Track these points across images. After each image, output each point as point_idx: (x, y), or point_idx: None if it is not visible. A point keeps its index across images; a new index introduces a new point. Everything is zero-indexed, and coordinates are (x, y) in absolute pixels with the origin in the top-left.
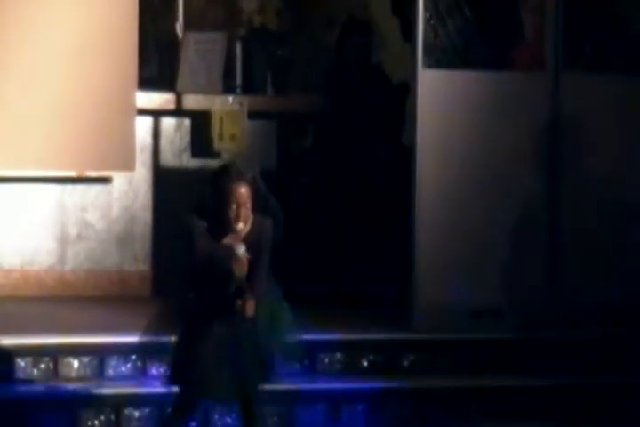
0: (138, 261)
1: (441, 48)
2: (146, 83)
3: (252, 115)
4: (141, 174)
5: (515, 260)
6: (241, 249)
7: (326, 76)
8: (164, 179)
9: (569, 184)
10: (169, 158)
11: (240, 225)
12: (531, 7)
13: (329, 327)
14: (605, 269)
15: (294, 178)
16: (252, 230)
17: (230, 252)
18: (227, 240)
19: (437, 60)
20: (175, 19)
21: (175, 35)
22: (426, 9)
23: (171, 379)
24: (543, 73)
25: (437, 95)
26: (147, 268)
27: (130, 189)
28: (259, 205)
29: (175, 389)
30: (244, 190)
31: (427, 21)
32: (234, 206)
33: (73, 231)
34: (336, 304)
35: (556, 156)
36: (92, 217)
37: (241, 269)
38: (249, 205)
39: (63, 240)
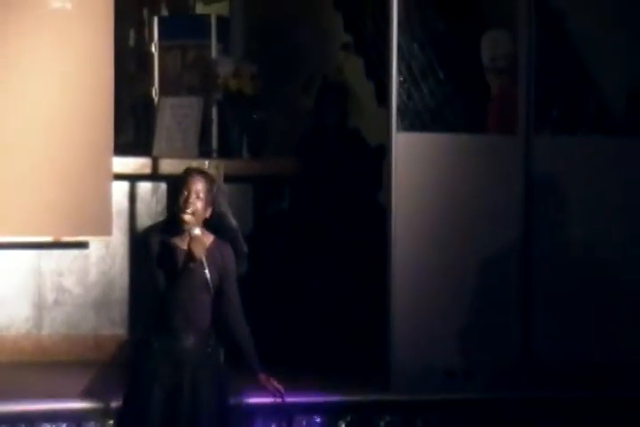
0: (115, 326)
1: (415, 111)
2: (122, 147)
3: (229, 178)
4: (118, 239)
5: (488, 320)
6: (196, 230)
7: (303, 139)
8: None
9: (542, 244)
10: (146, 222)
11: (187, 216)
12: (495, 69)
13: (306, 389)
14: (577, 330)
15: (271, 241)
16: (210, 251)
17: (186, 237)
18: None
19: (411, 123)
20: (151, 83)
21: (151, 99)
22: (399, 72)
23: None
24: (516, 135)
25: (412, 157)
26: (123, 332)
27: (107, 254)
28: (214, 221)
29: None
30: (200, 184)
31: (400, 85)
32: (185, 193)
33: (50, 297)
34: (312, 366)
35: (529, 216)
36: (69, 282)
37: (199, 250)
38: (201, 201)
39: (40, 306)
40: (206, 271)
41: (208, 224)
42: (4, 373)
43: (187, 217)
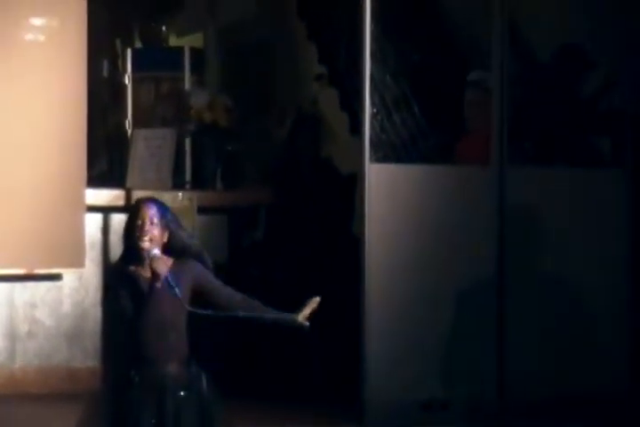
0: (87, 357)
1: (388, 142)
2: (95, 179)
3: (203, 209)
4: (91, 270)
5: (462, 352)
6: (155, 250)
7: (277, 170)
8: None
9: (516, 274)
10: (118, 253)
11: (146, 243)
12: (471, 101)
13: (280, 422)
14: (554, 362)
15: (245, 270)
16: (173, 271)
17: (146, 258)
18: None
19: (385, 154)
20: (124, 115)
21: (124, 131)
22: (373, 104)
23: None
24: (488, 166)
25: (385, 188)
26: (96, 363)
27: (80, 286)
28: (174, 244)
29: None
30: (151, 210)
31: (373, 116)
32: (139, 222)
33: (22, 328)
34: (286, 399)
35: (503, 247)
36: (42, 314)
37: (161, 267)
38: (156, 226)
39: (12, 337)
40: (175, 287)
41: (168, 248)
42: None
43: (145, 244)
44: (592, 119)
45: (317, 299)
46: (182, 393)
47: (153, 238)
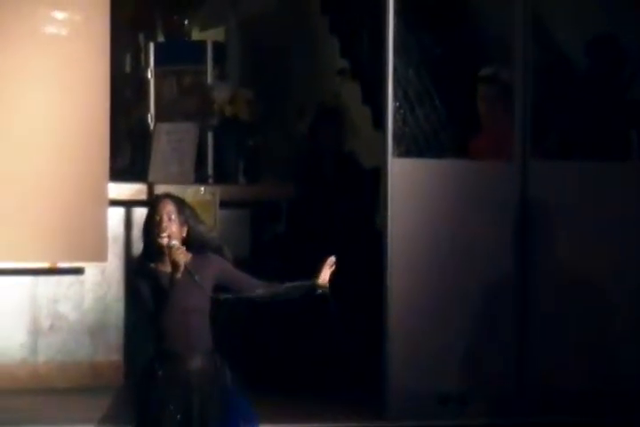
0: (110, 352)
1: (411, 137)
2: (118, 173)
3: (225, 204)
4: (114, 265)
5: (483, 346)
6: (174, 241)
7: (299, 164)
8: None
9: (537, 270)
10: (141, 248)
11: (164, 240)
12: (485, 97)
13: (301, 416)
14: (574, 357)
15: (267, 264)
16: (193, 266)
17: (165, 252)
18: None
19: (407, 148)
20: (147, 110)
21: (147, 125)
22: (395, 98)
23: None
24: (511, 161)
25: (408, 183)
26: (119, 358)
27: (102, 280)
28: (194, 240)
29: None
30: (169, 206)
31: (396, 110)
32: (157, 218)
33: (45, 323)
34: (308, 393)
35: (525, 241)
36: (65, 308)
37: (180, 257)
38: (174, 223)
39: (35, 332)
40: (194, 275)
41: (188, 244)
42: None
43: (164, 240)
44: (618, 111)
45: (332, 258)
46: (207, 387)
47: (171, 235)
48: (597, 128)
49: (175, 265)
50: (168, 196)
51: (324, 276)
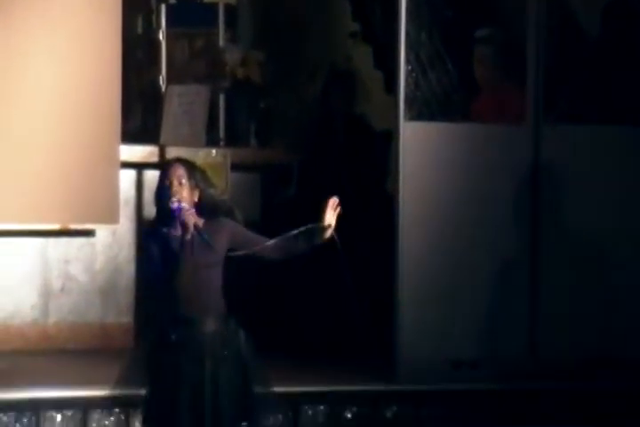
0: (121, 314)
1: (423, 100)
2: (129, 136)
3: (236, 166)
4: (125, 227)
5: (495, 310)
6: (183, 203)
7: (310, 127)
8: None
9: (549, 236)
10: (152, 211)
11: (174, 204)
12: (482, 58)
13: (312, 379)
14: (586, 323)
15: (277, 228)
16: (205, 229)
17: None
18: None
19: (419, 112)
20: (158, 72)
21: (158, 88)
22: (407, 62)
23: (145, 419)
24: (524, 125)
25: (420, 146)
26: (130, 320)
27: (113, 242)
28: (206, 204)
29: None
30: (179, 170)
31: (408, 74)
32: (167, 183)
33: (56, 284)
34: (319, 356)
35: (537, 205)
36: (76, 270)
37: (190, 218)
38: (185, 187)
39: (46, 293)
40: (204, 235)
41: (200, 208)
42: (10, 361)
43: (174, 205)
44: (631, 75)
45: (335, 199)
46: (221, 351)
47: (182, 199)
48: (610, 92)
49: (184, 227)
50: (179, 160)
51: (329, 218)
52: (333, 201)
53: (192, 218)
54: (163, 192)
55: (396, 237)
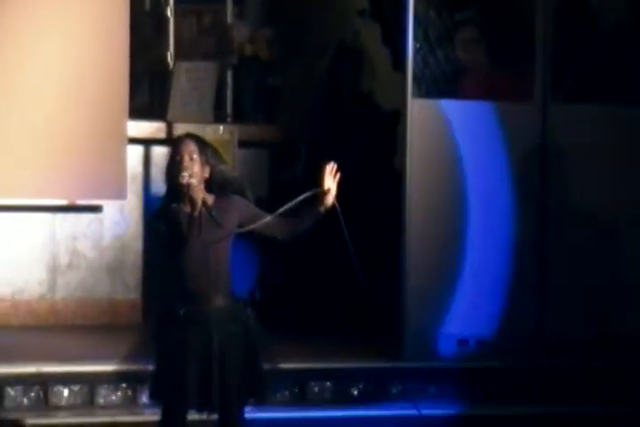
0: (128, 290)
1: (431, 77)
2: (137, 112)
3: (243, 143)
4: (132, 203)
5: (502, 288)
6: (193, 179)
7: (317, 104)
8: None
9: (557, 215)
10: (160, 187)
11: (184, 179)
12: (465, 39)
13: (319, 356)
14: (595, 301)
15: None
16: (215, 207)
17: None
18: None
19: (427, 89)
20: (166, 48)
21: (166, 64)
22: (415, 39)
23: (152, 393)
24: (531, 103)
25: (427, 124)
26: (137, 296)
27: (121, 218)
28: (216, 180)
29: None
30: (190, 146)
31: (416, 51)
32: (178, 158)
33: (64, 260)
34: (326, 333)
35: (544, 186)
36: (83, 246)
37: (198, 195)
38: (197, 162)
39: (54, 269)
40: (212, 211)
41: (211, 184)
42: (18, 336)
43: (184, 180)
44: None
45: (332, 164)
46: (228, 326)
47: (192, 175)
48: (618, 71)
49: (192, 202)
50: (189, 135)
51: (328, 183)
52: (331, 167)
53: (201, 194)
54: (173, 167)
55: (403, 215)
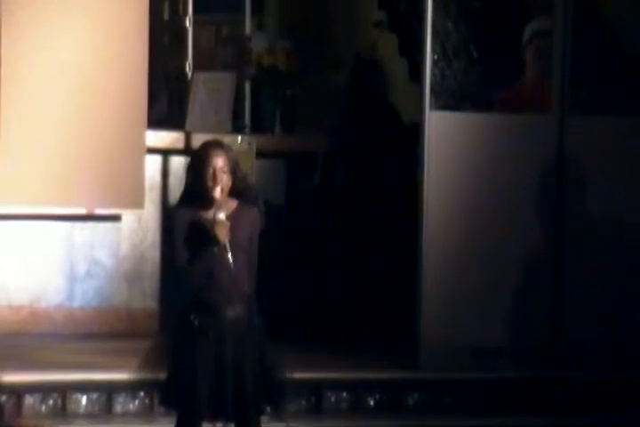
0: (146, 299)
1: (448, 90)
2: (155, 122)
3: (261, 154)
4: (150, 213)
5: (519, 298)
6: (221, 214)
7: (336, 115)
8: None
9: (573, 226)
10: (177, 196)
11: (217, 192)
12: (539, 50)
13: (335, 366)
14: (611, 310)
15: (303, 217)
16: (236, 215)
17: (212, 219)
18: (209, 213)
19: (445, 101)
20: (185, 58)
21: (185, 74)
22: (433, 50)
23: (161, 400)
24: (549, 115)
25: (446, 136)
26: (154, 305)
27: (139, 227)
28: (237, 188)
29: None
30: (221, 157)
31: (434, 63)
32: (210, 171)
33: (82, 269)
34: (343, 343)
35: (561, 197)
36: (101, 255)
37: (224, 233)
38: (226, 174)
39: (72, 277)
40: (229, 256)
41: (231, 189)
42: (37, 344)
43: (217, 194)
44: None
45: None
46: (243, 335)
47: (224, 187)
48: (635, 83)
49: (216, 240)
50: (218, 145)
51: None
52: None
53: (225, 234)
54: (205, 178)
55: (421, 227)
